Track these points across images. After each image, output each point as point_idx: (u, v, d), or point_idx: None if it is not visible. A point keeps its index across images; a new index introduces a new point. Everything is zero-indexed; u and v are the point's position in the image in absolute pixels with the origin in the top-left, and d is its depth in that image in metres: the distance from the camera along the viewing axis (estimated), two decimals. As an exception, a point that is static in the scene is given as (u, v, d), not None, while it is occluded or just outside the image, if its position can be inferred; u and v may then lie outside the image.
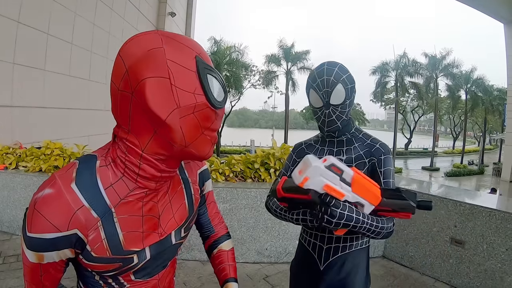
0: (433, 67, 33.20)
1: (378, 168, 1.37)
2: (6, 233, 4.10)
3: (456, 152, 47.42)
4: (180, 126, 0.67)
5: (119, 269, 0.76)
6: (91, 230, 0.70)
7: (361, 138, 1.43)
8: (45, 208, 0.65)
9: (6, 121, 5.40)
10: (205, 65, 0.68)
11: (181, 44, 0.67)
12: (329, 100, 1.33)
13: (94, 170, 0.71)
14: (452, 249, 3.24)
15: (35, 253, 0.68)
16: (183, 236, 0.91)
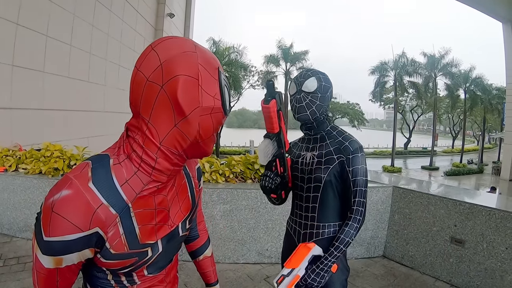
0: (432, 66, 33.18)
1: (347, 166, 1.50)
2: (6, 235, 4.09)
3: (456, 151, 47.45)
4: (198, 122, 0.74)
5: (135, 264, 0.79)
6: (110, 227, 0.72)
7: (334, 135, 1.57)
8: (65, 209, 0.66)
9: (5, 123, 5.40)
10: (224, 78, 0.78)
11: (208, 55, 0.77)
12: (301, 87, 1.53)
13: (109, 168, 0.73)
14: (452, 248, 3.25)
15: (53, 258, 0.68)
16: (187, 228, 0.96)
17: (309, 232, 1.59)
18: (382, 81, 34.95)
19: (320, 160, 1.54)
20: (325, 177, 1.51)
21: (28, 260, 3.47)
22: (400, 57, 33.68)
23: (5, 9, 5.23)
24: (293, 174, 1.64)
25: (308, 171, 1.57)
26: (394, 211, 3.73)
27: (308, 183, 1.57)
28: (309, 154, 1.59)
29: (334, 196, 1.54)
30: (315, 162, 1.55)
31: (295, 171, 1.63)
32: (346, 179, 1.50)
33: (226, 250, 3.56)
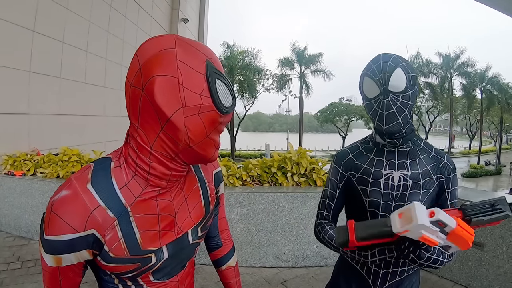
0: (447, 66, 32.78)
1: (446, 188, 1.19)
2: (24, 238, 4.16)
3: (473, 152, 46.68)
4: (185, 125, 0.68)
5: (138, 269, 0.77)
6: (108, 230, 0.71)
7: (425, 148, 1.23)
8: (61, 209, 0.67)
9: (23, 129, 5.50)
10: (215, 70, 0.70)
11: (193, 48, 0.70)
12: (387, 86, 1.11)
13: (109, 171, 0.73)
14: (471, 252, 3.18)
15: (53, 256, 0.69)
16: (200, 236, 0.92)
17: (392, 272, 1.22)
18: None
19: (417, 183, 1.16)
20: (423, 204, 1.13)
21: (46, 263, 3.50)
22: (415, 57, 33.35)
23: (21, 16, 5.34)
24: (371, 200, 1.19)
25: (397, 197, 1.17)
26: (413, 214, 3.66)
27: None
28: (397, 173, 1.18)
29: None
30: (409, 185, 1.16)
31: (376, 196, 1.19)
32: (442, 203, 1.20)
33: (243, 253, 3.54)
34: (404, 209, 0.92)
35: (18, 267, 3.41)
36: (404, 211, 0.92)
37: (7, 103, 5.14)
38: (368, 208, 1.20)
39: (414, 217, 0.87)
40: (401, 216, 0.92)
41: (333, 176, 1.30)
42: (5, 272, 3.29)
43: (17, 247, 3.90)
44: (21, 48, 5.43)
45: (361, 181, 1.22)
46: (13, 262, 3.51)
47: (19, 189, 4.17)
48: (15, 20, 5.18)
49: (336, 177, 1.28)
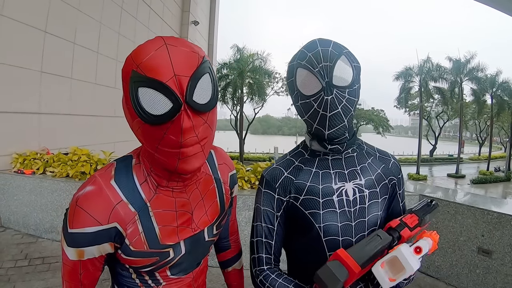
0: (457, 71, 32.40)
1: (398, 189, 1.05)
2: (32, 236, 4.20)
3: (482, 158, 46.12)
4: (138, 136, 0.72)
5: (156, 263, 0.81)
6: (129, 224, 0.75)
7: (368, 150, 1.05)
8: (86, 203, 0.71)
9: (34, 128, 5.56)
10: (138, 77, 0.64)
11: (130, 58, 0.67)
12: (330, 80, 0.86)
13: (131, 168, 0.78)
14: (479, 259, 3.14)
15: (75, 249, 0.72)
16: (215, 234, 0.96)
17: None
18: (407, 86, 34.44)
19: (374, 191, 0.97)
20: (381, 214, 0.98)
21: (52, 260, 3.55)
22: (425, 62, 33.10)
23: (33, 17, 5.41)
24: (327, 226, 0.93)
25: (356, 213, 0.95)
26: (420, 220, 3.63)
27: (360, 232, 0.94)
28: (350, 185, 0.96)
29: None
30: (366, 195, 0.96)
31: (332, 219, 0.93)
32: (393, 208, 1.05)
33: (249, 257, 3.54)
34: (387, 259, 0.81)
35: (26, 264, 3.45)
36: (388, 261, 0.80)
37: (18, 102, 5.21)
38: (324, 237, 0.93)
39: (407, 266, 0.78)
40: (384, 266, 0.80)
41: (266, 206, 1.00)
42: (13, 269, 3.33)
43: (25, 244, 3.95)
44: (32, 48, 5.50)
45: (308, 204, 0.95)
46: (20, 259, 3.55)
47: (29, 188, 4.22)
48: (27, 21, 5.25)
49: (271, 206, 0.99)
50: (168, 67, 0.63)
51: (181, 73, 0.64)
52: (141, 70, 0.64)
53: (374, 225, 0.96)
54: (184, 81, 0.64)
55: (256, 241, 1.00)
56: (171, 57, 0.64)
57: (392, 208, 1.05)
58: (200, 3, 15.80)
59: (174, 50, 0.65)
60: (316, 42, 0.91)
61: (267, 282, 0.94)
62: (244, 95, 29.88)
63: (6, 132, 4.93)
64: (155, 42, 0.66)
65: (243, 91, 29.72)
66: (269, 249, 0.99)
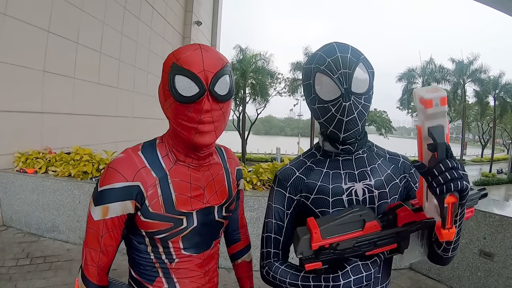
0: (460, 72, 32.33)
1: (413, 184, 1.05)
2: (34, 235, 4.22)
3: (485, 160, 45.91)
4: (167, 113, 0.91)
5: (171, 229, 0.92)
6: (150, 187, 0.90)
7: (379, 152, 1.06)
8: (117, 164, 0.88)
9: (36, 127, 5.58)
10: (177, 68, 0.85)
11: (172, 55, 0.89)
12: (350, 87, 0.89)
13: (155, 145, 0.97)
14: (480, 262, 3.13)
15: (101, 207, 0.86)
16: (224, 216, 1.06)
17: None
18: (410, 88, 34.32)
19: (383, 192, 0.99)
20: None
21: (54, 260, 3.56)
22: (428, 63, 33.03)
23: (36, 17, 5.43)
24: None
25: None
26: (422, 222, 3.62)
27: None
28: (360, 185, 0.98)
29: None
30: (376, 196, 0.98)
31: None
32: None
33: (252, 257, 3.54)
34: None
35: (27, 263, 3.46)
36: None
37: (21, 101, 5.23)
38: None
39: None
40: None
41: (277, 204, 1.04)
42: (14, 267, 3.34)
43: (27, 243, 3.96)
44: (35, 48, 5.52)
45: (318, 202, 0.99)
46: (22, 258, 3.56)
47: (31, 187, 4.23)
48: (30, 20, 5.28)
49: (282, 204, 1.04)
50: (200, 64, 0.85)
51: (209, 70, 0.85)
52: (179, 63, 0.85)
53: None
54: (210, 75, 0.86)
55: (266, 236, 1.06)
56: (203, 57, 0.86)
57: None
58: (203, 3, 15.83)
59: (206, 54, 0.87)
60: (334, 47, 0.92)
61: (271, 271, 1.00)
62: (246, 95, 29.86)
63: (9, 131, 4.96)
64: (193, 45, 0.89)
65: (246, 91, 29.71)
66: (277, 245, 1.04)
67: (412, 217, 0.84)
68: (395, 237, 0.86)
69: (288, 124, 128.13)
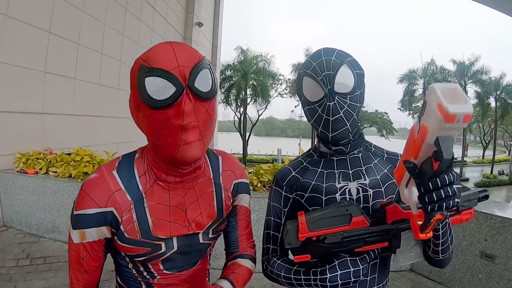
0: (461, 74, 32.27)
1: None
2: (34, 235, 4.22)
3: (486, 161, 45.84)
4: (143, 128, 0.80)
5: (149, 254, 0.86)
6: (125, 211, 0.82)
7: (376, 152, 1.07)
8: (89, 188, 0.81)
9: (37, 128, 5.58)
10: (145, 69, 0.72)
11: (138, 59, 0.76)
12: (332, 87, 0.93)
13: (133, 161, 0.87)
14: (482, 264, 3.12)
15: (78, 231, 0.81)
16: (211, 237, 0.97)
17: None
18: (411, 89, 34.32)
19: (378, 191, 0.99)
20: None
21: (54, 260, 3.56)
22: (429, 64, 33.02)
23: (38, 18, 5.44)
24: None
25: None
26: (423, 223, 3.62)
27: None
28: (354, 184, 0.99)
29: None
30: (370, 195, 0.99)
31: None
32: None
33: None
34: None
35: (27, 263, 3.46)
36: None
37: (22, 102, 5.24)
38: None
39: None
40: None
41: (275, 202, 1.10)
42: (14, 268, 3.34)
43: (27, 244, 3.96)
44: (37, 49, 5.53)
45: (312, 201, 1.01)
46: (22, 258, 3.57)
47: (31, 187, 4.24)
48: (31, 21, 5.28)
49: (279, 202, 1.09)
50: (173, 59, 0.72)
51: (184, 64, 0.72)
52: (148, 63, 0.72)
53: None
54: (187, 70, 0.72)
55: (266, 233, 1.12)
56: (175, 52, 0.73)
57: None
58: (204, 4, 15.84)
59: (178, 47, 0.75)
60: (321, 51, 0.97)
61: (269, 265, 1.05)
62: (247, 96, 29.87)
63: (10, 131, 4.96)
64: (162, 43, 0.76)
65: (247, 92, 29.72)
66: (276, 241, 1.09)
67: (401, 214, 0.83)
68: (385, 235, 0.85)
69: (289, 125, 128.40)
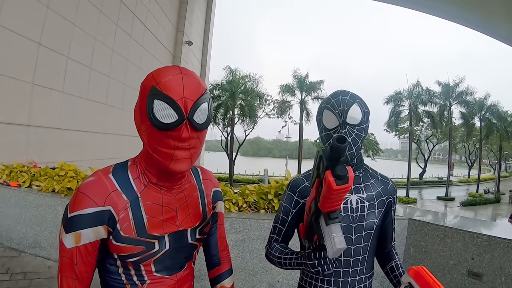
0: (446, 95, 32.97)
1: (392, 206, 1.39)
2: (15, 250, 4.09)
3: (472, 180, 46.54)
4: (143, 136, 0.90)
5: (143, 253, 0.92)
6: (121, 210, 0.89)
7: (373, 174, 1.39)
8: (87, 188, 0.87)
9: (22, 140, 5.51)
10: (155, 92, 0.84)
11: (151, 76, 0.87)
12: (345, 119, 1.23)
13: (126, 167, 0.95)
14: (469, 283, 3.12)
15: (73, 234, 0.85)
16: (198, 238, 1.07)
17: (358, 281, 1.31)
18: (397, 110, 34.85)
19: (372, 204, 1.30)
20: (377, 222, 1.32)
21: (34, 276, 3.46)
22: (414, 86, 33.66)
23: (28, 28, 5.44)
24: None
25: (357, 218, 1.29)
26: (410, 244, 3.61)
27: (358, 233, 1.29)
28: (355, 197, 1.30)
29: (377, 241, 1.38)
30: (366, 206, 1.30)
31: None
32: (388, 219, 1.39)
33: (236, 280, 3.46)
34: None
35: (7, 279, 3.36)
36: None
37: (8, 112, 5.18)
38: None
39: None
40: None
41: (287, 203, 1.35)
42: (-7, 283, 3.24)
43: (7, 258, 3.84)
44: (26, 60, 5.51)
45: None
46: (2, 273, 3.45)
47: (13, 200, 4.13)
48: (21, 32, 5.29)
49: (290, 204, 1.34)
50: (180, 90, 0.84)
51: (189, 97, 0.85)
52: (159, 87, 0.84)
53: (370, 229, 1.29)
54: (189, 103, 0.85)
55: (273, 225, 1.39)
56: (184, 83, 0.85)
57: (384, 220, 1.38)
58: (194, 24, 16.03)
59: (186, 79, 0.86)
60: (338, 92, 1.29)
61: (269, 249, 1.35)
62: (235, 116, 29.96)
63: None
64: (174, 68, 0.88)
65: (234, 112, 29.82)
66: (280, 233, 1.37)
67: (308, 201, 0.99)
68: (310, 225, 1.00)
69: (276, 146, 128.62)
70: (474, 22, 19.23)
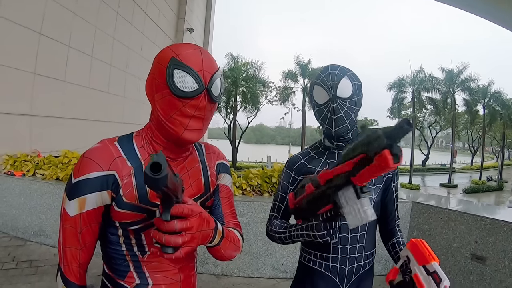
0: (450, 81, 32.71)
1: (392, 182, 1.36)
2: (20, 239, 4.13)
3: (475, 168, 46.54)
4: (157, 105, 0.91)
5: (144, 221, 0.92)
6: (125, 176, 0.90)
7: None
8: (92, 153, 0.89)
9: (25, 129, 5.51)
10: (176, 62, 0.88)
11: (169, 49, 0.91)
12: (335, 93, 1.22)
13: (131, 137, 0.98)
14: (472, 266, 3.13)
15: (78, 199, 0.86)
16: None
17: (356, 266, 1.30)
18: (400, 97, 34.67)
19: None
20: (375, 198, 1.30)
21: (40, 264, 3.50)
22: (418, 72, 33.39)
23: (29, 18, 5.39)
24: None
25: None
26: (413, 227, 3.62)
27: None
28: None
29: (377, 218, 1.36)
30: None
31: None
32: (388, 195, 1.36)
33: (240, 263, 3.50)
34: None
35: (13, 267, 3.39)
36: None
37: (10, 103, 5.17)
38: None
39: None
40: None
41: (284, 180, 1.38)
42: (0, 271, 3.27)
43: (13, 247, 3.88)
44: (27, 50, 5.48)
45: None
46: (7, 262, 3.49)
47: (18, 190, 4.16)
48: (22, 22, 5.24)
49: (287, 181, 1.36)
50: (200, 63, 0.89)
51: (207, 70, 0.90)
52: (180, 58, 0.88)
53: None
54: (208, 75, 0.90)
55: (273, 203, 1.40)
56: (202, 57, 0.90)
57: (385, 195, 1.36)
58: (195, 10, 15.90)
59: (204, 54, 0.91)
60: (328, 67, 1.27)
61: (269, 225, 1.35)
62: (237, 103, 29.90)
63: (-2, 133, 4.88)
64: (192, 45, 0.93)
65: (237, 99, 29.75)
66: (279, 211, 1.38)
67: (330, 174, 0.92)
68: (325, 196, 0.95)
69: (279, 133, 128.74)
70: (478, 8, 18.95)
